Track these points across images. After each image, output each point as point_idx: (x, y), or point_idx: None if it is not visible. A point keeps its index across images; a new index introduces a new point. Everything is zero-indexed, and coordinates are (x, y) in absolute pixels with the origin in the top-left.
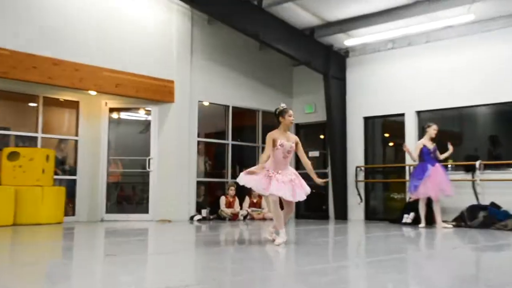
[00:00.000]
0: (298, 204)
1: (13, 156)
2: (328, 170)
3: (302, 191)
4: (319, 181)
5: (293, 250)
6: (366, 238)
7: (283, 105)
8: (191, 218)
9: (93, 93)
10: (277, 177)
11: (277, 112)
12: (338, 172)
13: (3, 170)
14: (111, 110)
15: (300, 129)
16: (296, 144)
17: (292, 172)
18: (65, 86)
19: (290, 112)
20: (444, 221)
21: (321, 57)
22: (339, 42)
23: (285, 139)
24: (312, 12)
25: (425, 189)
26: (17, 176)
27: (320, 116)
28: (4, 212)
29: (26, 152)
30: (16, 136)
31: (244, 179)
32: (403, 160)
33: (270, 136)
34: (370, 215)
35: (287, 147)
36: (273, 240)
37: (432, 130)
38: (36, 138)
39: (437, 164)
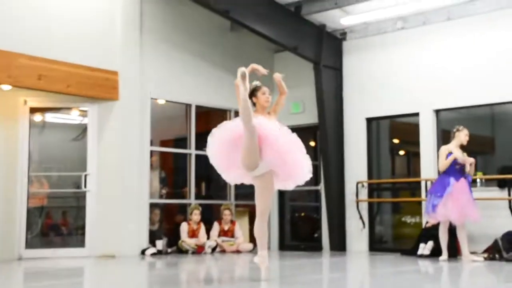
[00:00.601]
0: (282, 233)
1: None
2: (321, 187)
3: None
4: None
5: None
6: (371, 275)
7: (255, 83)
8: (143, 252)
9: (6, 87)
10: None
11: (249, 93)
12: (333, 189)
13: None
14: (33, 110)
15: None
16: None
17: None
18: None
19: (264, 89)
20: (472, 253)
21: (311, 40)
22: (334, 21)
23: (262, 117)
24: None
25: (445, 210)
26: None
27: (309, 117)
28: None
29: None
30: None
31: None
32: (418, 173)
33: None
34: (376, 245)
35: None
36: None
37: (463, 135)
38: None
39: (462, 179)
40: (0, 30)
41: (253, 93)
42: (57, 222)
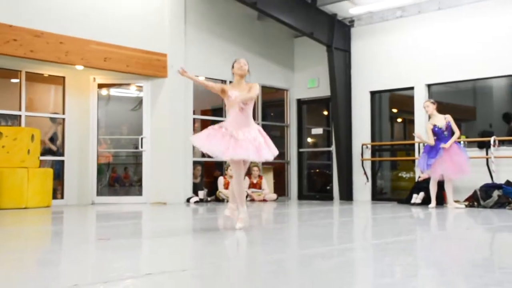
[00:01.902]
0: (301, 185)
1: None
2: (332, 148)
3: (268, 151)
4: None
5: (295, 232)
6: (373, 219)
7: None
8: (188, 200)
9: (80, 67)
10: (239, 136)
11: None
12: (342, 150)
13: None
14: (100, 86)
15: (302, 105)
16: (250, 89)
17: (256, 129)
18: (49, 60)
19: (240, 60)
20: (456, 201)
21: (324, 27)
22: (344, 11)
23: (237, 91)
24: None
25: (442, 169)
26: (0, 157)
27: (323, 91)
28: None
29: (9, 131)
30: None
31: (199, 140)
32: (412, 137)
33: (220, 85)
34: (377, 196)
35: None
36: (235, 219)
37: (424, 107)
38: (19, 116)
39: (454, 144)
40: (76, 21)
41: (232, 66)
42: (120, 175)
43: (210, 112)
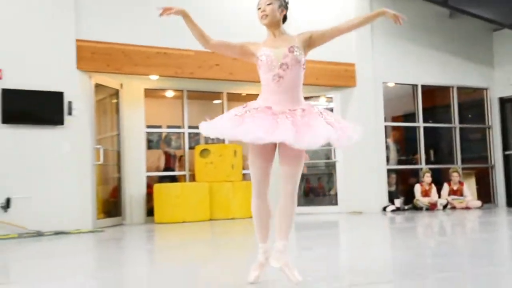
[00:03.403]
0: (509, 189)
1: (204, 153)
2: None
3: (313, 134)
4: (390, 13)
5: (507, 242)
6: None
7: None
8: (384, 209)
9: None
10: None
11: None
12: None
13: (197, 167)
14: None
15: (505, 103)
16: (308, 38)
17: (304, 108)
18: (247, 80)
19: (260, 1)
20: None
21: None
22: None
23: (269, 47)
24: None
25: None
26: (209, 173)
27: None
28: (201, 208)
29: (215, 148)
30: None
31: (206, 126)
32: None
33: (240, 44)
34: None
35: (273, 59)
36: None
37: None
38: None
39: None
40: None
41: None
42: (314, 185)
43: (401, 118)
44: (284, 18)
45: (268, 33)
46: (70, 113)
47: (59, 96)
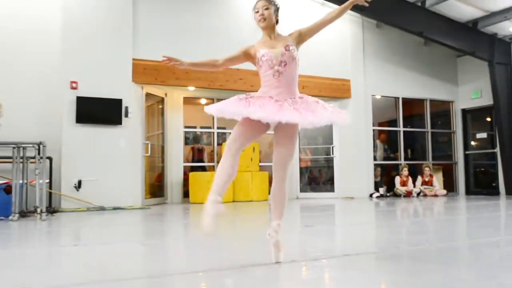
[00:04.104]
0: (468, 181)
1: None
2: (497, 150)
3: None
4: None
5: (465, 223)
6: None
7: None
8: (371, 195)
9: None
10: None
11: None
12: (507, 149)
13: None
14: None
15: (466, 114)
16: (298, 36)
17: (306, 100)
18: None
19: (257, 3)
20: None
21: (485, 46)
22: (504, 30)
23: (267, 48)
24: (475, 5)
25: None
26: None
27: (485, 100)
28: (227, 192)
29: None
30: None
31: (213, 107)
32: None
33: (239, 50)
34: None
35: (273, 58)
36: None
37: None
38: None
39: None
40: None
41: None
42: (316, 176)
43: (386, 124)
44: (276, 21)
45: (263, 35)
46: (126, 116)
47: (118, 102)
